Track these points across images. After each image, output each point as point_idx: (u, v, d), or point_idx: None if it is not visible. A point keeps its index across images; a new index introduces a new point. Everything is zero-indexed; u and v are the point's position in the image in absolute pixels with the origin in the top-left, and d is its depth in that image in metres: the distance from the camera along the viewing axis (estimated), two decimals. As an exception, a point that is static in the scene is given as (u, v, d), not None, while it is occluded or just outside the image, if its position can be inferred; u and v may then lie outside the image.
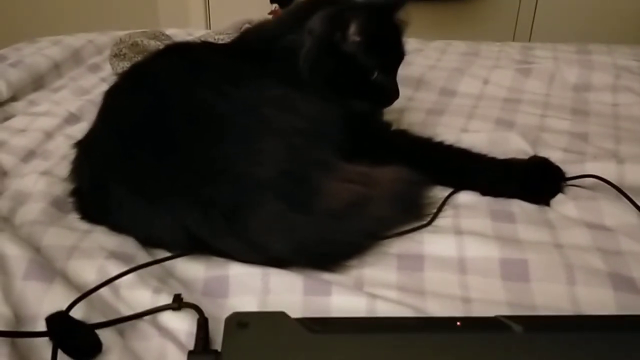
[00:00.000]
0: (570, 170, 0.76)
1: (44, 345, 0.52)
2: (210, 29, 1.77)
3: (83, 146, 0.74)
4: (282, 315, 0.53)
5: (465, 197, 0.74)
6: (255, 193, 0.62)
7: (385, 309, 0.57)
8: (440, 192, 0.74)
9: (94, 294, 0.57)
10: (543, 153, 0.81)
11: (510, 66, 1.17)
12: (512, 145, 0.86)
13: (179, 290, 0.59)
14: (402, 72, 0.85)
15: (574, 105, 1.02)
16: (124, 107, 0.73)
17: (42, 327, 0.54)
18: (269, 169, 0.64)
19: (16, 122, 0.95)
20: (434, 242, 0.66)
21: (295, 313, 0.55)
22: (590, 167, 0.78)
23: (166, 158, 0.65)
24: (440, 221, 0.70)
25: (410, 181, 0.71)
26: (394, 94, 0.83)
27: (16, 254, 0.60)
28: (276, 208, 0.62)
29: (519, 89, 1.09)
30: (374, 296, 0.58)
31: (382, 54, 0.79)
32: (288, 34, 0.79)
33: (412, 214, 0.70)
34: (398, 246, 0.66)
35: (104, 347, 0.52)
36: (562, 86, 1.09)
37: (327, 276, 0.62)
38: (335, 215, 0.64)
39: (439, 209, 0.71)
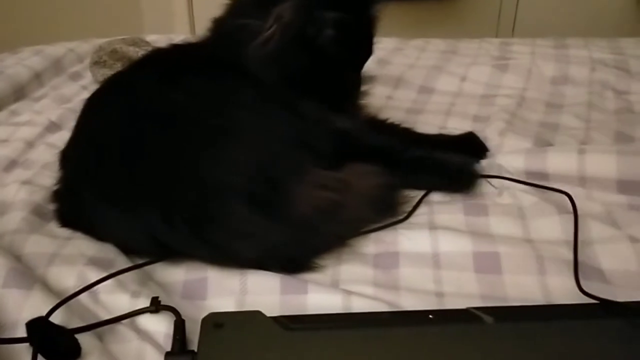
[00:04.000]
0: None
1: (25, 351, 0.53)
2: (194, 33, 1.78)
3: (63, 154, 0.75)
4: (257, 314, 0.54)
5: (436, 196, 0.75)
6: (223, 199, 0.63)
7: (360, 305, 0.58)
8: (415, 193, 0.75)
9: (73, 300, 0.58)
10: (511, 142, 0.84)
11: (487, 62, 1.19)
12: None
13: (159, 293, 0.60)
14: (381, 71, 0.86)
15: (549, 99, 1.03)
16: (98, 115, 0.74)
17: (22, 333, 0.55)
18: (237, 174, 0.64)
19: (-2, 133, 0.95)
20: (409, 239, 0.67)
21: (272, 312, 0.56)
22: (552, 156, 0.79)
23: (135, 165, 0.66)
24: (415, 218, 0.71)
25: (386, 185, 0.72)
26: (356, 93, 0.83)
27: (-4, 263, 0.61)
28: (245, 214, 0.63)
29: (496, 85, 1.10)
30: (349, 293, 0.59)
31: (354, 51, 0.78)
32: (249, 17, 0.75)
33: (386, 215, 0.71)
34: (374, 245, 0.67)
35: (83, 351, 0.53)
36: (539, 80, 1.10)
37: (304, 275, 0.63)
38: (307, 221, 0.64)
39: (415, 207, 0.72)
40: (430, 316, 0.54)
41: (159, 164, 0.65)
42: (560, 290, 0.60)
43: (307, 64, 0.75)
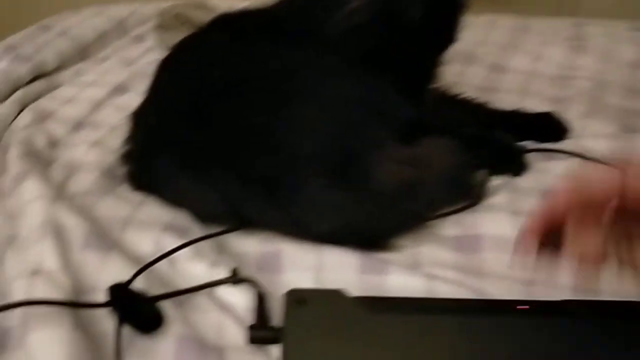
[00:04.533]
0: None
1: (105, 317, 0.52)
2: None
3: (135, 117, 0.74)
4: (339, 293, 0.52)
5: (521, 179, 0.72)
6: (300, 167, 0.61)
7: (444, 290, 0.56)
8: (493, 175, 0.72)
9: (151, 267, 0.57)
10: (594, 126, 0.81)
11: (561, 42, 1.13)
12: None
13: (233, 263, 0.59)
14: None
15: (630, 83, 0.98)
16: (172, 79, 0.73)
17: (101, 298, 0.54)
18: (315, 143, 0.62)
19: (64, 92, 0.95)
20: (490, 222, 0.64)
21: (351, 290, 0.54)
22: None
23: (210, 130, 0.64)
24: (496, 200, 0.68)
25: (463, 163, 0.69)
26: (433, 76, 0.80)
27: (73, 224, 0.60)
28: (322, 184, 0.61)
29: (572, 66, 1.05)
30: (432, 276, 0.57)
31: (438, 33, 0.76)
32: None
33: (465, 195, 0.68)
34: (454, 227, 0.65)
35: (164, 320, 0.52)
36: (616, 63, 1.05)
37: (382, 255, 0.61)
38: (386, 197, 0.62)
39: (486, 188, 0.69)
40: (523, 307, 0.52)
41: (234, 129, 0.64)
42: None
43: (390, 41, 0.73)
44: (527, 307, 0.51)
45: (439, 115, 0.76)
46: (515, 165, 0.73)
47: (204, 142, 0.64)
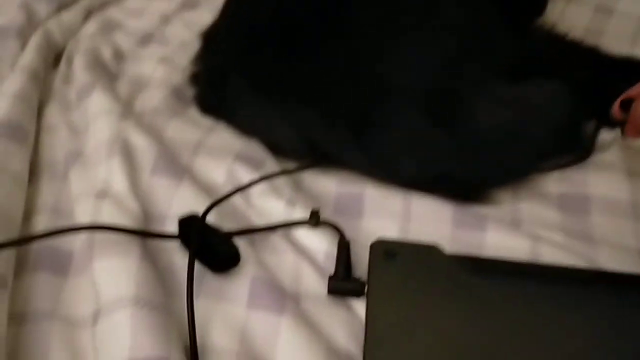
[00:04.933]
0: None
1: (175, 249, 0.48)
2: None
3: (207, 35, 0.68)
4: (434, 248, 0.46)
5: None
6: (393, 102, 0.54)
7: (550, 255, 0.49)
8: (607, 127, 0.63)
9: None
10: None
11: None
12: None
13: (310, 203, 0.53)
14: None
15: None
16: None
17: (171, 227, 0.50)
18: (413, 74, 0.55)
19: (132, 3, 0.88)
20: (601, 182, 0.56)
21: (443, 246, 0.48)
22: None
23: (295, 55, 0.57)
24: (607, 157, 0.60)
25: (573, 110, 0.61)
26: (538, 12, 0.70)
27: (143, 145, 0.55)
28: (417, 124, 0.54)
29: None
30: (537, 237, 0.50)
31: None
32: None
33: (572, 148, 0.60)
34: (558, 183, 0.57)
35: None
36: None
37: (478, 208, 0.54)
38: (486, 142, 0.55)
39: (597, 142, 0.61)
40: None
41: (322, 55, 0.56)
42: None
43: None
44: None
45: (547, 55, 0.67)
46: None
47: (287, 67, 0.57)
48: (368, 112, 0.54)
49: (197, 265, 0.46)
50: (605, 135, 0.62)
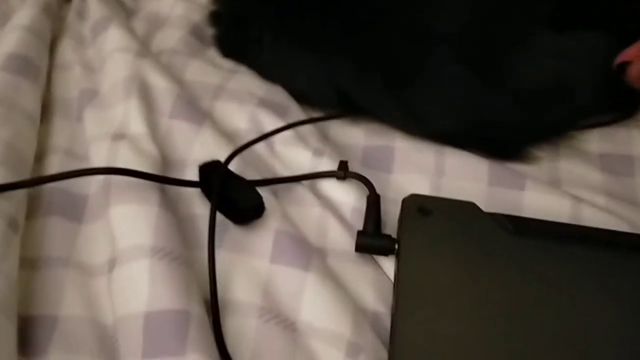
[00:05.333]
0: None
1: (195, 196, 0.45)
2: None
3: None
4: (472, 206, 0.44)
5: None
6: (429, 50, 0.50)
7: (592, 217, 0.46)
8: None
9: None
10: None
11: None
12: None
13: (337, 155, 0.50)
14: None
15: None
16: None
17: (191, 173, 0.47)
18: (452, 22, 0.51)
19: None
20: (647, 142, 0.53)
21: (479, 203, 0.46)
22: None
23: (324, 2, 0.53)
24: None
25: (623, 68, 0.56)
26: None
27: (161, 86, 0.52)
28: (452, 73, 0.50)
29: None
30: (578, 199, 0.47)
31: None
32: None
33: (617, 104, 0.56)
34: (600, 142, 0.54)
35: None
36: None
37: (515, 166, 0.51)
38: (526, 96, 0.51)
39: None
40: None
41: (356, 2, 0.52)
42: None
43: None
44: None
45: (595, 4, 0.62)
46: None
47: (318, 9, 0.53)
48: (403, 60, 0.51)
49: (219, 216, 0.43)
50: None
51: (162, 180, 0.43)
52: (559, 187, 0.49)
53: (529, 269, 0.40)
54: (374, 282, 0.43)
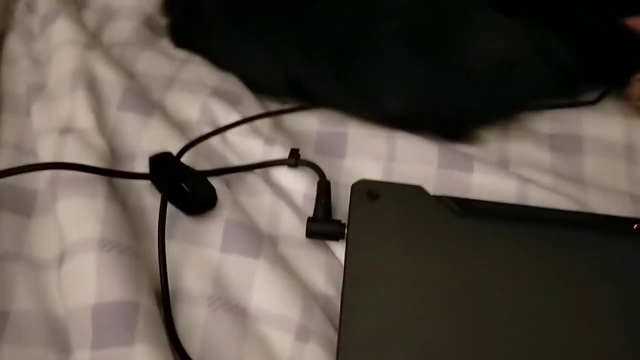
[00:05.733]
0: None
1: (145, 189, 0.45)
2: None
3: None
4: (419, 190, 0.44)
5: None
6: (377, 29, 0.50)
7: (538, 197, 0.47)
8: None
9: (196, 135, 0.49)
10: None
11: None
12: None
13: (291, 142, 0.51)
14: None
15: None
16: None
17: (140, 165, 0.47)
18: (397, 3, 0.51)
19: None
20: (595, 123, 0.54)
21: (428, 186, 0.47)
22: None
23: None
24: (606, 103, 0.56)
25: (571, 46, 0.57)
26: None
27: (110, 79, 0.52)
28: (401, 55, 0.50)
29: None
30: (524, 179, 0.48)
31: None
32: None
33: (570, 89, 0.57)
34: (550, 123, 0.54)
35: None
36: None
37: (465, 148, 0.52)
38: (475, 77, 0.52)
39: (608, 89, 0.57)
40: (635, 226, 0.43)
41: None
42: None
43: None
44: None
45: None
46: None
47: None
48: (351, 41, 0.51)
49: (170, 207, 0.43)
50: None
51: (111, 173, 0.43)
52: (507, 168, 0.50)
53: (475, 251, 0.41)
54: (325, 266, 0.43)
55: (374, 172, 0.50)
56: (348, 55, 0.51)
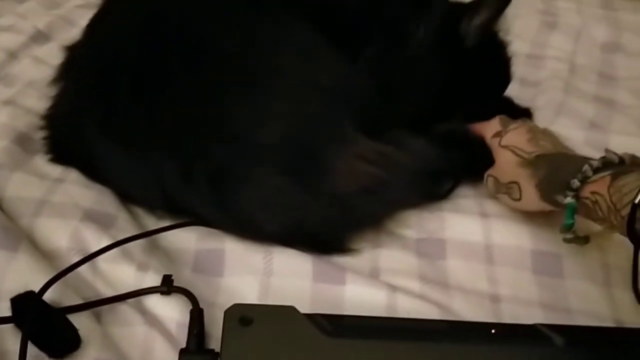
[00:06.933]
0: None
1: (9, 332, 0.43)
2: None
3: (61, 72, 0.63)
4: (291, 310, 0.45)
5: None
6: (252, 159, 0.53)
7: (406, 305, 0.50)
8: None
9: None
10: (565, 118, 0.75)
11: (533, 16, 1.06)
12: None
13: (166, 264, 0.51)
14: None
15: (601, 68, 0.93)
16: (114, 30, 0.59)
17: (5, 308, 0.45)
18: (272, 133, 0.53)
19: (-27, 35, 0.81)
20: (456, 224, 0.58)
21: (304, 302, 0.48)
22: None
23: (153, 100, 0.54)
24: (463, 202, 0.61)
25: (433, 163, 0.61)
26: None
27: (-29, 209, 0.50)
28: (275, 181, 0.53)
29: (543, 44, 0.98)
30: (393, 288, 0.51)
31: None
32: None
33: (432, 199, 0.61)
34: (416, 229, 0.58)
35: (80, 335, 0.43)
36: (588, 45, 0.99)
37: (339, 260, 0.54)
38: (343, 197, 0.54)
39: (454, 185, 0.62)
40: (493, 331, 0.46)
41: (182, 103, 0.54)
42: (628, 306, 0.52)
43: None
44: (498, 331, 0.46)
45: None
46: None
47: (144, 112, 0.54)
48: (228, 168, 0.53)
49: (35, 350, 0.42)
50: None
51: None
52: (378, 277, 0.53)
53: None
54: (200, 399, 0.43)
55: (251, 289, 0.51)
56: (224, 178, 0.52)
